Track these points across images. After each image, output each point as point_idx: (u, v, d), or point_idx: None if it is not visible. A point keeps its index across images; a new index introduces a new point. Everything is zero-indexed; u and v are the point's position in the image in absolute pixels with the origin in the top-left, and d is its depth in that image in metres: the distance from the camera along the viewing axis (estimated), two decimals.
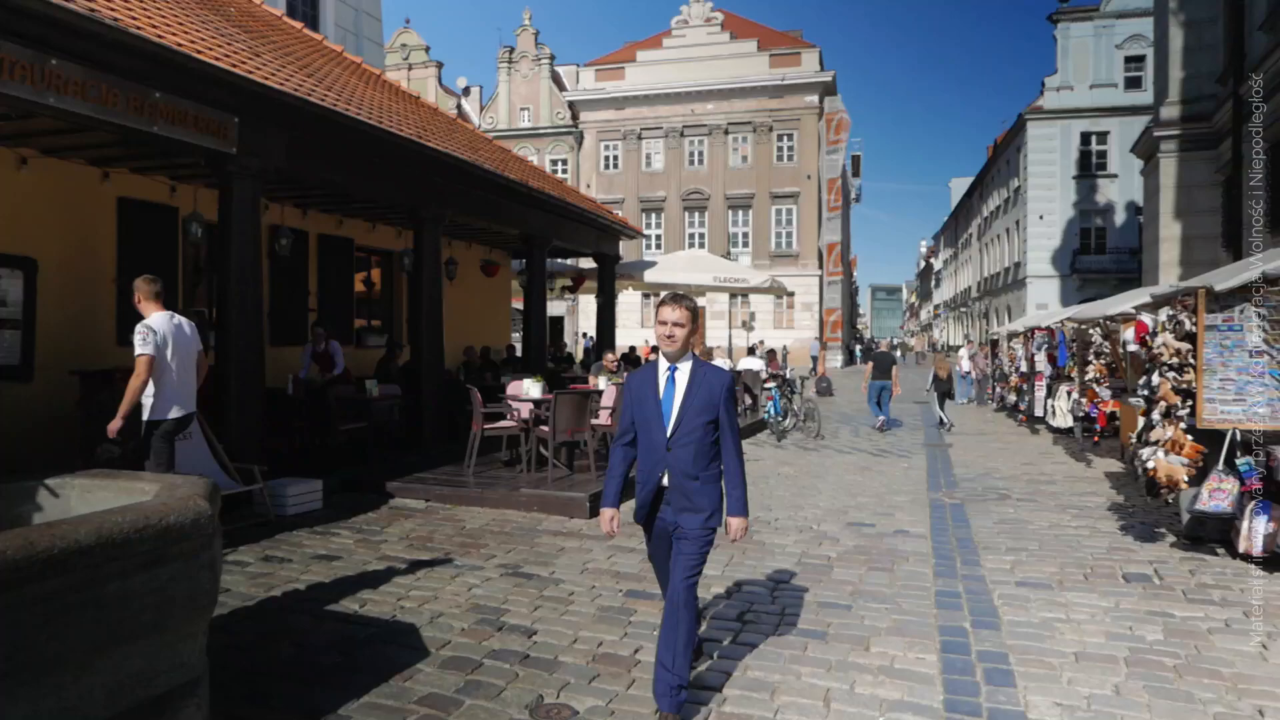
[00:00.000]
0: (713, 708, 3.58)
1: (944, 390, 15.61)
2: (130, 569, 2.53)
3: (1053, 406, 14.50)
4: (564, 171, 41.41)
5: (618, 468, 3.63)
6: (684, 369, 3.51)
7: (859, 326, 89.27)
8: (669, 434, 3.44)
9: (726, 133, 39.78)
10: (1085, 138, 35.86)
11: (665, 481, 3.47)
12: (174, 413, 5.69)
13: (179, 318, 5.81)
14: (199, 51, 6.50)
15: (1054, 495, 8.60)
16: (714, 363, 4.29)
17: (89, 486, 3.18)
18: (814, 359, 35.15)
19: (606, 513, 3.60)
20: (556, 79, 43.34)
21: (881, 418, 14.94)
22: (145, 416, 5.61)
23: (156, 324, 5.58)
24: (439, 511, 7.55)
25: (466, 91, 47.38)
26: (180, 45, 6.31)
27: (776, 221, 39.17)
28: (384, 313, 13.85)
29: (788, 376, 15.09)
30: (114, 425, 5.40)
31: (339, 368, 10.26)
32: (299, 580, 5.36)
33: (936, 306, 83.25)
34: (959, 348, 31.08)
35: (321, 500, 7.52)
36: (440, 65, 44.64)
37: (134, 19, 6.08)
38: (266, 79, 7.15)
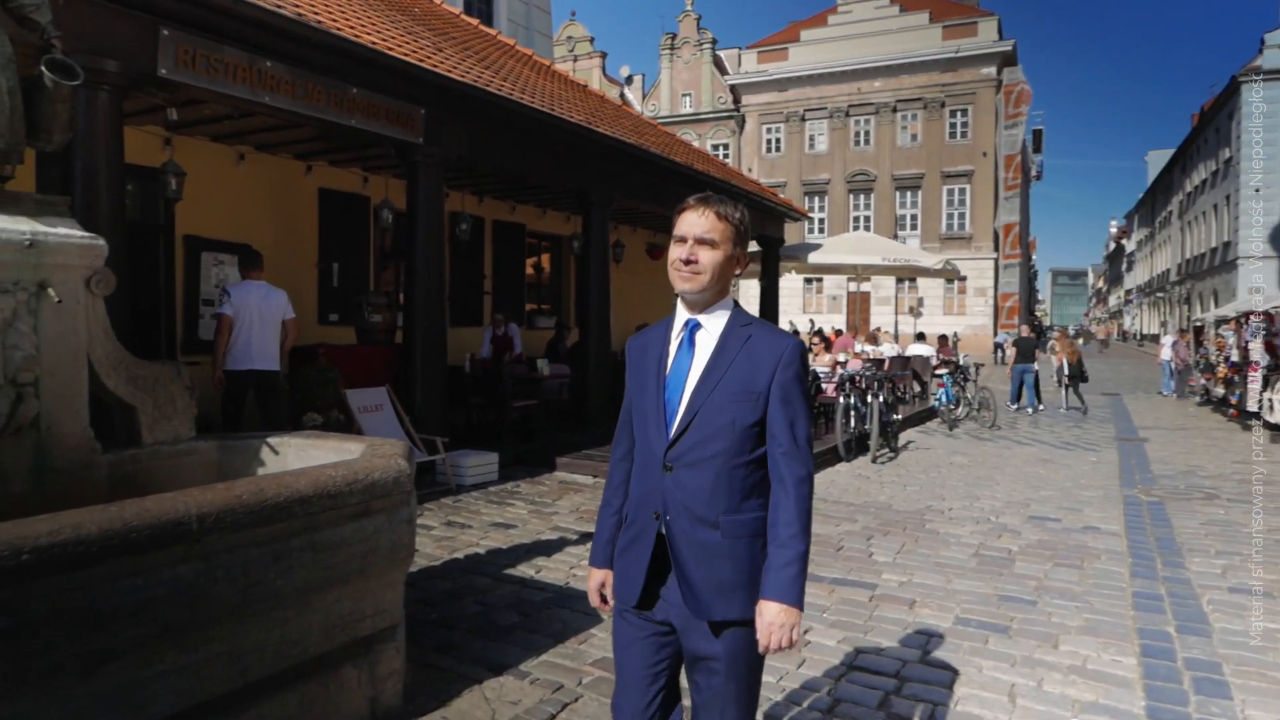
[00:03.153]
0: (886, 692, 3.48)
1: (1074, 374, 15.89)
2: (341, 518, 2.77)
3: (1270, 400, 13.01)
4: (725, 156, 41.20)
5: (614, 499, 2.17)
6: (711, 325, 1.98)
7: (1037, 313, 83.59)
8: (670, 439, 1.94)
9: (895, 110, 38.19)
10: None
11: (664, 529, 1.96)
12: (242, 364, 6.46)
13: (263, 286, 6.63)
14: (390, 49, 6.95)
15: (1273, 497, 7.73)
16: (879, 347, 3.41)
17: (304, 445, 3.49)
18: (999, 346, 33.02)
19: (595, 576, 2.20)
20: (718, 63, 43.13)
21: (1018, 405, 15.41)
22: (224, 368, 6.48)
23: (233, 288, 6.51)
24: None
25: (629, 80, 48.09)
26: (374, 44, 6.77)
27: (948, 202, 37.25)
28: (553, 296, 14.34)
29: (961, 363, 14.38)
30: (216, 376, 6.42)
31: (517, 348, 10.75)
32: (479, 545, 5.67)
33: (1128, 291, 76.62)
34: (1158, 336, 28.50)
35: (496, 472, 7.90)
36: (604, 55, 45.54)
37: (333, 21, 6.57)
38: (449, 72, 7.55)
